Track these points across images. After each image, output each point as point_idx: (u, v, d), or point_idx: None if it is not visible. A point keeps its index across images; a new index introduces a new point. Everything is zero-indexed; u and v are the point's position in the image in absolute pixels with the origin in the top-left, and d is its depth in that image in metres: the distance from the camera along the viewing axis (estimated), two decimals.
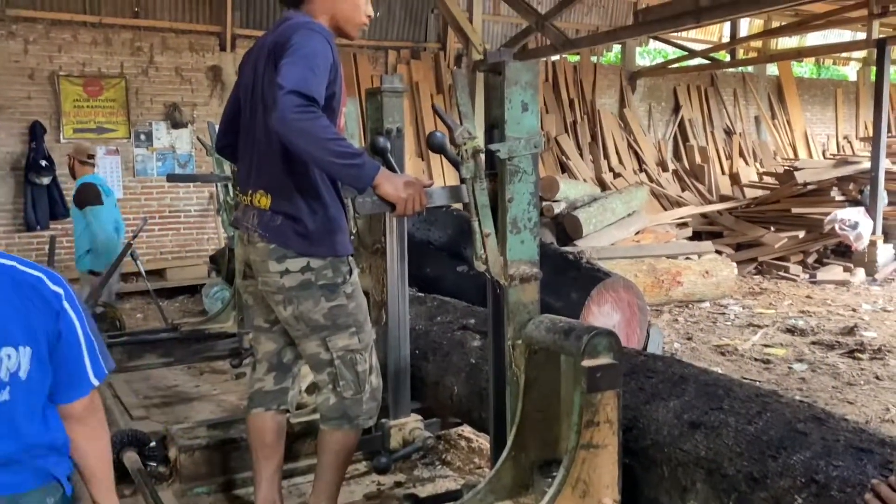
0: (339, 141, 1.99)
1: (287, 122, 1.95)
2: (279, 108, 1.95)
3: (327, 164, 2.02)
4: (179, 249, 8.86)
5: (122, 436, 2.89)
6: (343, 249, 2.33)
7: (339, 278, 2.31)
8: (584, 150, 11.53)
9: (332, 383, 2.38)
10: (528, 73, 2.07)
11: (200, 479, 2.90)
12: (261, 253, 2.29)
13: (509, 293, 2.16)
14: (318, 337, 2.33)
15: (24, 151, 8.00)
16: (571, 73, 11.70)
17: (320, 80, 2.07)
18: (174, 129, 8.79)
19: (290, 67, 2.01)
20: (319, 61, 2.08)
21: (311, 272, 2.27)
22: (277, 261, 2.26)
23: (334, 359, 2.34)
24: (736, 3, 7.21)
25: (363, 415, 2.43)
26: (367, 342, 2.40)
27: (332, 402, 2.39)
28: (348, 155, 1.98)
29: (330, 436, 2.42)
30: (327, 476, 2.43)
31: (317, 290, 2.28)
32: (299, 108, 1.94)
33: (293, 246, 2.26)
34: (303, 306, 2.29)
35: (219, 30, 8.97)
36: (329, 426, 2.41)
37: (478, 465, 3.08)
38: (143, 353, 4.66)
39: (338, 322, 2.32)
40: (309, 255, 2.26)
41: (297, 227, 2.25)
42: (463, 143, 2.05)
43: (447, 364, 3.00)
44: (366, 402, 2.41)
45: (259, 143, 2.30)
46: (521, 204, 2.14)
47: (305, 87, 1.98)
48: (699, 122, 12.91)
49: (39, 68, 8.10)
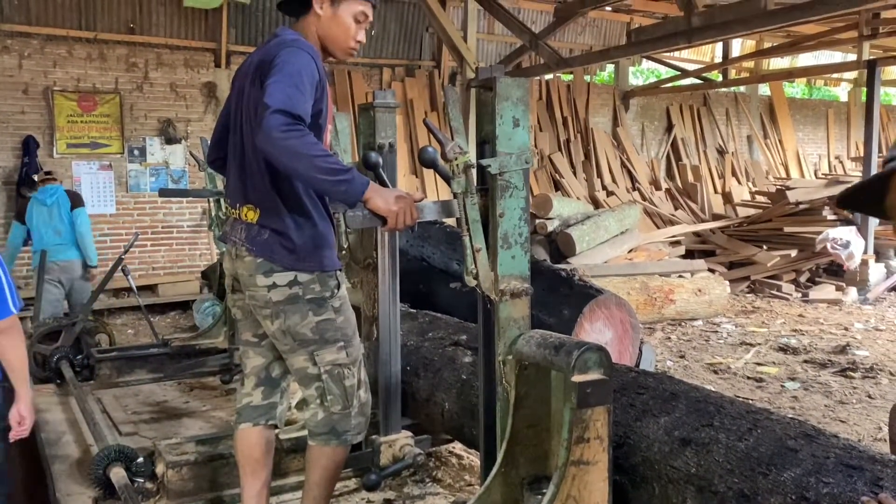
0: (327, 157, 1.99)
1: (273, 141, 1.95)
2: (265, 127, 1.95)
3: (316, 181, 2.02)
4: (171, 265, 8.84)
5: (109, 451, 2.86)
6: (330, 264, 2.32)
7: (327, 292, 2.30)
8: (578, 169, 11.58)
9: (319, 398, 2.36)
10: (518, 89, 2.08)
11: (188, 496, 2.86)
12: (248, 267, 2.29)
13: (500, 308, 2.15)
14: (305, 351, 2.31)
15: (17, 166, 8.00)
16: (565, 92, 11.78)
17: (306, 97, 2.07)
18: (168, 145, 8.80)
19: (276, 86, 2.01)
20: (305, 79, 2.08)
21: (298, 286, 2.26)
22: (265, 275, 2.26)
23: (322, 373, 2.33)
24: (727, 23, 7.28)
25: (351, 430, 2.41)
26: (355, 356, 2.39)
27: (321, 417, 2.37)
28: (337, 171, 1.98)
29: (318, 451, 2.40)
30: (315, 492, 2.41)
31: (304, 305, 2.27)
32: (285, 126, 1.95)
33: (280, 260, 2.25)
34: (290, 320, 2.28)
35: (214, 46, 9.02)
36: (317, 441, 2.39)
37: (468, 482, 3.05)
38: (133, 369, 4.64)
39: (325, 336, 2.31)
40: (296, 270, 2.26)
41: (283, 242, 2.25)
42: (454, 158, 2.05)
43: (438, 380, 2.99)
44: (354, 416, 2.39)
45: (246, 158, 2.30)
46: (511, 219, 2.14)
47: (291, 105, 1.98)
48: (692, 141, 13.00)
49: (34, 83, 8.12)
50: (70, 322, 4.70)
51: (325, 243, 2.31)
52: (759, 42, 13.07)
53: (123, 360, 4.68)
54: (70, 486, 3.00)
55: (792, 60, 14.70)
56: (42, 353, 4.50)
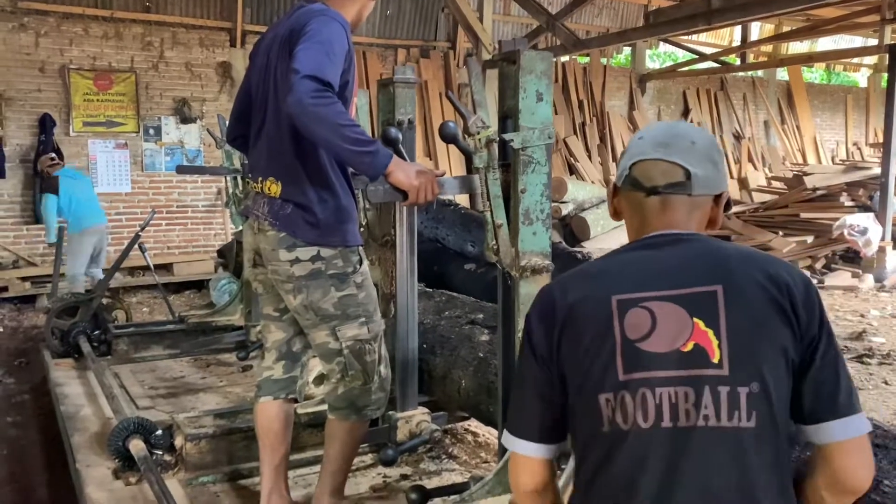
0: (354, 127, 1.97)
1: (303, 106, 1.93)
2: (295, 92, 1.93)
3: (341, 150, 2.01)
4: (186, 244, 8.88)
5: (129, 423, 2.88)
6: (353, 239, 2.31)
7: (349, 268, 2.29)
8: (593, 152, 11.51)
9: (340, 373, 2.35)
10: (542, 62, 2.06)
11: (206, 468, 2.88)
12: (271, 241, 2.28)
13: (520, 285, 2.15)
14: (327, 326, 2.31)
15: (34, 144, 8.03)
16: (581, 75, 11.69)
17: (336, 66, 2.05)
18: (183, 124, 8.81)
19: (307, 52, 1.99)
20: (336, 48, 2.07)
21: (321, 261, 2.25)
22: (287, 249, 2.25)
23: (343, 348, 2.32)
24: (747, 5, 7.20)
25: (371, 405, 2.41)
26: (376, 332, 2.38)
27: (340, 391, 2.37)
28: (363, 142, 1.97)
29: (337, 426, 2.40)
30: (333, 466, 2.42)
31: (326, 280, 2.26)
32: (315, 92, 1.93)
33: (303, 235, 2.24)
34: (312, 295, 2.27)
35: (229, 26, 9.00)
36: (336, 416, 2.40)
37: (484, 458, 3.06)
38: (150, 344, 4.67)
39: (347, 312, 2.30)
40: (319, 245, 2.25)
41: (306, 217, 2.24)
42: (476, 133, 2.04)
43: (455, 358, 2.99)
44: (374, 392, 2.39)
45: (270, 130, 2.29)
46: (533, 195, 2.13)
47: (321, 72, 1.96)
48: (708, 125, 12.89)
49: (50, 61, 8.13)
50: (87, 297, 4.73)
51: (349, 218, 2.29)
52: (779, 26, 12.91)
53: (140, 335, 4.72)
54: (90, 458, 3.03)
55: (811, 45, 14.52)
56: (60, 328, 4.55)
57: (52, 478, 3.48)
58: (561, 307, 1.26)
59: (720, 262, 1.21)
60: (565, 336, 1.25)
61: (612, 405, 1.19)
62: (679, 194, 1.28)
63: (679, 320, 1.17)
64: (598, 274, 1.29)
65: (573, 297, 1.25)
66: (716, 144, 1.33)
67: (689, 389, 1.15)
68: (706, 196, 1.30)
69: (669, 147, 1.29)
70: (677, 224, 1.28)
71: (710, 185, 1.29)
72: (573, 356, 1.24)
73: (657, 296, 1.19)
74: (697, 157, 1.28)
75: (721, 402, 1.14)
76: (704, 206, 1.30)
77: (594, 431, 1.21)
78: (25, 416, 4.38)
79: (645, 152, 1.30)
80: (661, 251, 1.25)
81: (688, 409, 1.14)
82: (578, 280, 1.29)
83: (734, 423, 1.13)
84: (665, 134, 1.31)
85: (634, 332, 1.19)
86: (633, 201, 1.32)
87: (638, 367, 1.18)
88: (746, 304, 1.16)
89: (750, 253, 1.26)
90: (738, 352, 1.14)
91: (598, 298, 1.23)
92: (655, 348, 1.17)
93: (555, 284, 1.33)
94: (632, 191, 1.31)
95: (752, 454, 1.13)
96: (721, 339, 1.15)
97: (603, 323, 1.21)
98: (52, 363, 4.42)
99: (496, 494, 2.11)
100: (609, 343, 1.20)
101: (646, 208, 1.30)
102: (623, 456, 1.17)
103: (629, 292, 1.21)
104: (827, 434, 1.17)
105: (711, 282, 1.19)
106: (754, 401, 1.13)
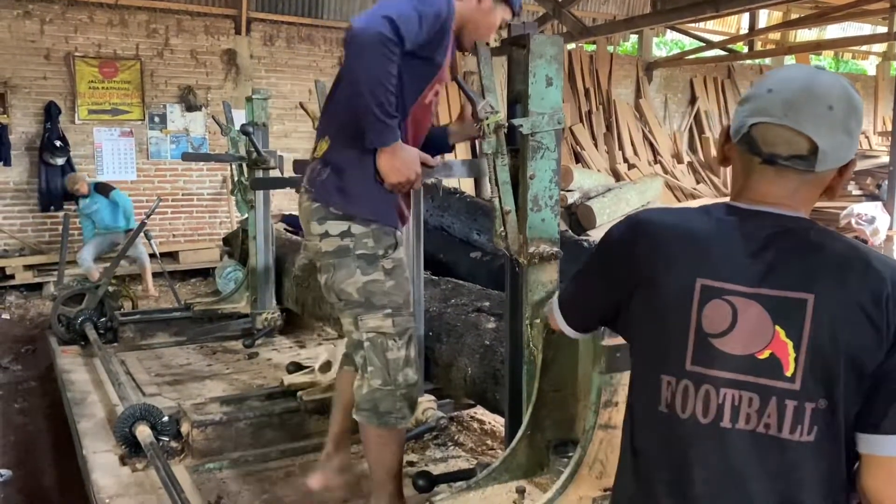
0: (388, 93, 1.94)
1: (362, 43, 1.88)
2: (364, 23, 1.87)
3: (362, 103, 1.96)
4: (192, 232, 8.87)
5: (135, 410, 2.89)
6: (386, 219, 2.20)
7: (380, 250, 2.17)
8: (599, 141, 11.46)
9: (361, 368, 2.24)
10: (553, 46, 2.03)
11: (212, 455, 2.89)
12: (305, 213, 2.23)
13: (528, 272, 2.13)
14: (350, 313, 2.21)
15: (39, 132, 8.02)
16: (587, 63, 11.62)
17: (419, 29, 1.96)
18: (188, 112, 8.79)
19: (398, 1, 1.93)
20: (429, 11, 1.98)
21: (350, 238, 2.15)
22: (318, 222, 2.18)
23: (364, 340, 2.20)
24: None
25: (394, 412, 2.22)
26: (402, 328, 2.21)
27: (365, 391, 2.23)
28: (385, 111, 1.96)
29: (364, 430, 2.27)
30: (377, 475, 2.31)
31: (353, 261, 2.16)
32: (383, 39, 1.87)
33: (333, 202, 2.15)
34: (337, 275, 2.18)
35: (234, 13, 8.95)
36: (360, 417, 2.25)
37: (490, 446, 3.06)
38: (156, 332, 4.68)
39: (372, 300, 2.18)
40: (349, 218, 2.15)
41: (339, 182, 2.16)
42: (485, 118, 2.02)
43: (461, 346, 2.98)
44: (398, 399, 2.22)
45: (337, 88, 2.23)
46: (542, 181, 2.10)
47: (402, 23, 1.89)
48: (715, 114, 12.81)
49: (55, 49, 8.11)
50: (94, 285, 4.74)
51: (385, 196, 2.18)
52: (787, 13, 12.79)
53: (146, 323, 4.73)
54: (96, 444, 3.04)
55: (819, 32, 14.40)
56: (66, 315, 4.55)
57: (59, 464, 3.49)
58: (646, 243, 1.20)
59: (819, 266, 1.10)
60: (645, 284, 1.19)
61: (672, 389, 1.15)
62: (799, 169, 1.12)
63: (760, 324, 1.10)
64: (692, 237, 1.17)
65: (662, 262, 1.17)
66: (856, 108, 1.13)
67: (755, 396, 1.10)
68: (830, 170, 1.14)
69: (801, 112, 1.10)
70: (786, 199, 1.15)
71: (838, 157, 1.13)
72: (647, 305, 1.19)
73: (743, 291, 1.11)
74: (831, 127, 1.10)
75: (786, 414, 1.09)
76: (824, 179, 1.16)
77: (652, 401, 1.19)
78: (32, 402, 4.40)
79: (771, 113, 1.12)
80: (761, 232, 1.13)
81: (749, 413, 1.10)
82: (673, 237, 1.18)
83: (795, 436, 1.09)
84: (800, 92, 1.11)
85: (712, 327, 1.12)
86: (745, 161, 1.18)
87: (707, 362, 1.13)
88: (836, 320, 1.07)
89: (855, 255, 1.11)
90: (813, 369, 1.08)
91: (685, 274, 1.15)
92: (730, 349, 1.11)
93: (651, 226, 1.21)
94: (747, 152, 1.16)
95: (804, 468, 1.10)
96: (799, 354, 1.08)
97: (683, 303, 1.14)
98: (58, 350, 4.43)
99: (502, 481, 2.10)
100: (683, 325, 1.14)
101: (755, 173, 1.16)
102: (678, 441, 1.15)
103: (716, 279, 1.12)
104: (874, 446, 1.10)
105: (804, 288, 1.09)
106: (819, 416, 1.09)
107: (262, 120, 4.56)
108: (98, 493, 2.64)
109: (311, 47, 9.44)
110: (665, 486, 1.16)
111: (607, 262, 1.29)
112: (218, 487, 2.73)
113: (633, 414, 1.27)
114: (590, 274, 1.36)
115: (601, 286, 1.32)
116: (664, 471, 1.17)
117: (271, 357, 4.31)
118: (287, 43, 9.30)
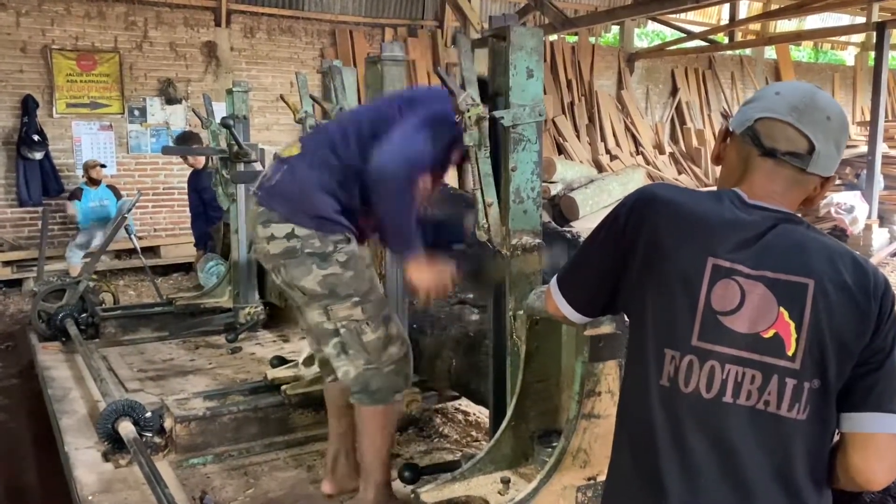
0: (409, 218, 2.13)
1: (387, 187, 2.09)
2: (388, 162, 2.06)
3: (387, 226, 2.21)
4: (173, 227, 8.79)
5: (118, 405, 2.87)
6: (327, 229, 2.21)
7: (329, 247, 2.20)
8: (581, 132, 11.48)
9: (340, 353, 2.28)
10: (533, 38, 2.04)
11: (196, 450, 2.88)
12: (251, 217, 2.29)
13: (511, 263, 2.14)
14: (318, 305, 2.25)
15: (16, 126, 7.90)
16: (569, 54, 11.63)
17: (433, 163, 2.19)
18: (168, 105, 8.70)
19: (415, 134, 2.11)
20: (444, 139, 2.15)
21: (296, 239, 2.18)
22: (263, 225, 2.21)
23: (339, 328, 2.25)
24: None
25: (384, 388, 2.29)
26: (372, 313, 2.27)
27: (353, 374, 2.29)
28: (407, 232, 2.14)
29: (359, 413, 2.34)
30: (368, 461, 2.37)
31: (306, 258, 2.19)
32: (403, 185, 2.07)
33: (277, 207, 2.20)
34: (292, 273, 2.21)
35: (214, 5, 8.86)
36: (355, 400, 2.33)
37: (475, 437, 3.07)
38: (138, 327, 4.65)
39: (336, 291, 2.23)
40: (291, 222, 2.18)
41: (285, 187, 2.20)
42: (466, 110, 2.02)
43: (445, 338, 2.99)
44: (386, 374, 2.29)
45: (339, 127, 2.38)
46: (524, 173, 2.11)
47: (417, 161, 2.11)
48: (696, 104, 12.87)
49: (32, 41, 7.99)
50: (74, 281, 4.69)
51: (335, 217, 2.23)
52: (767, 4, 12.87)
53: (128, 318, 4.69)
54: (78, 440, 3.02)
55: (799, 23, 14.50)
56: (47, 311, 4.51)
57: (41, 461, 3.46)
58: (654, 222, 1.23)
59: (816, 255, 1.18)
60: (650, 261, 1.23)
61: (675, 363, 1.20)
62: (795, 166, 1.22)
63: (766, 304, 1.17)
64: (705, 217, 1.22)
65: (672, 238, 1.21)
66: (847, 127, 1.27)
67: (758, 373, 1.16)
68: (817, 176, 1.24)
69: (804, 115, 1.21)
70: (778, 195, 1.24)
71: (827, 165, 1.24)
72: (654, 279, 1.22)
73: (751, 274, 1.17)
74: (826, 134, 1.22)
75: (785, 392, 1.16)
76: (810, 184, 1.25)
77: (653, 375, 1.22)
78: (13, 399, 4.35)
79: (777, 111, 1.23)
80: (764, 222, 1.21)
81: (751, 390, 1.16)
82: (687, 215, 1.23)
83: (792, 414, 1.16)
84: (804, 99, 1.23)
85: (720, 304, 1.18)
86: (744, 154, 1.26)
87: (714, 339, 1.18)
88: (831, 304, 1.15)
89: (842, 250, 1.22)
90: (812, 349, 1.15)
91: (696, 251, 1.20)
92: (737, 327, 1.17)
93: (665, 200, 1.25)
94: (748, 144, 1.25)
95: (797, 445, 1.17)
96: (801, 334, 1.16)
97: (693, 280, 1.19)
98: (39, 346, 4.38)
99: (487, 472, 2.11)
100: (692, 302, 1.19)
101: (753, 166, 1.25)
102: (678, 414, 1.19)
103: (726, 259, 1.18)
104: (858, 424, 1.19)
105: (805, 274, 1.17)
106: (814, 396, 1.16)
107: (242, 113, 4.53)
108: (81, 489, 2.62)
109: (293, 39, 9.38)
110: (664, 460, 1.19)
111: (618, 230, 1.29)
112: (202, 482, 2.72)
113: (629, 387, 1.30)
114: (596, 243, 1.35)
115: (608, 254, 1.31)
116: (663, 444, 1.20)
117: (255, 351, 4.29)
118: (268, 35, 9.23)
